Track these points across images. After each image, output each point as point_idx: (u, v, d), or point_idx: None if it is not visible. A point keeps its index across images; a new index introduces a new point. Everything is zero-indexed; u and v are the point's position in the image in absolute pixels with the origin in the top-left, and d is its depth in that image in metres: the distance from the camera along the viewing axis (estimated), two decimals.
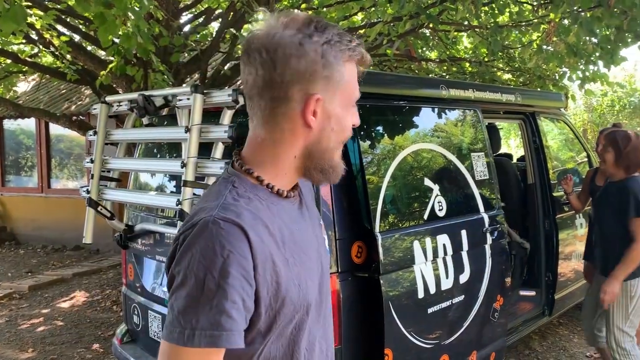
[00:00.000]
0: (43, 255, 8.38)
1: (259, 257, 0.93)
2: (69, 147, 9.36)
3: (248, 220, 0.94)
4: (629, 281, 3.09)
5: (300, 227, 1.07)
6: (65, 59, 5.45)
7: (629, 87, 15.26)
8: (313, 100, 0.97)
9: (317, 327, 1.09)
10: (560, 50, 5.32)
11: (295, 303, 0.99)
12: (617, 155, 3.13)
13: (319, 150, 1.01)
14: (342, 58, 0.98)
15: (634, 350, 3.13)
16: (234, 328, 0.90)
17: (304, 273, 1.03)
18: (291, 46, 0.94)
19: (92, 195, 2.92)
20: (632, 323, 3.14)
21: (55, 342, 4.63)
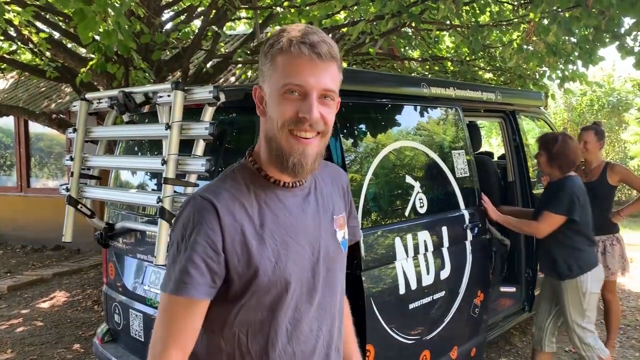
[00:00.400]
0: (22, 255, 8.26)
1: (227, 230, 1.11)
2: (49, 145, 9.24)
3: (223, 199, 1.13)
4: (578, 278, 3.14)
5: (294, 215, 1.20)
6: (45, 56, 5.38)
7: (608, 86, 15.49)
8: (255, 89, 1.19)
9: (309, 308, 1.21)
10: (540, 50, 5.38)
11: (269, 277, 1.13)
12: (548, 157, 3.21)
13: (270, 137, 1.15)
14: (271, 53, 1.12)
15: (596, 343, 3.19)
16: (192, 283, 1.08)
17: (284, 253, 1.16)
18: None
19: (72, 193, 2.89)
20: (590, 318, 3.19)
21: (34, 343, 4.58)
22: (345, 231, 1.33)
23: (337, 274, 1.29)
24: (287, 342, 1.18)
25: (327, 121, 1.14)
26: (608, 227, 3.89)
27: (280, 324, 1.17)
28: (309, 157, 1.13)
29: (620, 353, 4.14)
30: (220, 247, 1.10)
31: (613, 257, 3.87)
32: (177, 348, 1.11)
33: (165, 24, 5.73)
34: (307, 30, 1.11)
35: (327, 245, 1.25)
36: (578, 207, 3.07)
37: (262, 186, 1.18)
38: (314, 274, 1.21)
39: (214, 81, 5.93)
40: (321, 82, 1.10)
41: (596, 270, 3.17)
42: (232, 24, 7.81)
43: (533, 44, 5.50)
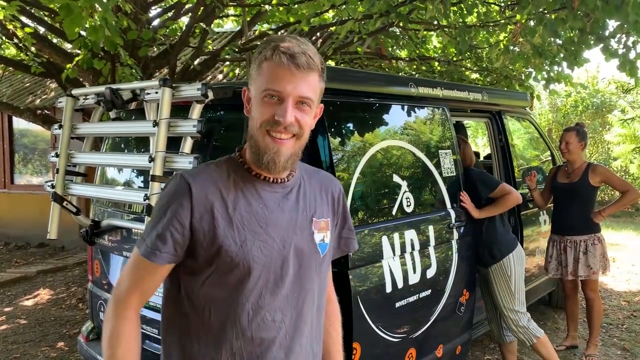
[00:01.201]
0: (5, 253, 8.16)
1: (197, 208, 1.23)
2: (33, 141, 9.14)
3: (200, 180, 1.26)
4: (501, 261, 3.32)
5: (269, 207, 1.29)
6: (30, 51, 5.32)
7: (592, 88, 15.68)
8: (244, 90, 1.32)
9: (274, 297, 1.28)
10: (526, 51, 5.44)
11: (232, 257, 1.24)
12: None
13: (251, 134, 1.27)
14: (259, 59, 1.25)
15: (530, 324, 3.32)
16: (154, 248, 1.23)
17: (250, 239, 1.25)
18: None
19: (57, 190, 2.87)
20: (520, 300, 3.34)
21: (18, 341, 4.53)
22: (325, 235, 1.39)
23: (312, 273, 1.35)
24: (247, 326, 1.26)
25: (302, 124, 1.25)
26: (590, 227, 3.94)
27: (242, 307, 1.25)
28: (282, 156, 1.24)
29: (603, 351, 4.20)
30: (187, 222, 1.23)
31: (594, 257, 3.92)
32: (137, 293, 1.27)
33: (153, 21, 5.69)
34: (291, 41, 1.23)
35: (300, 243, 1.33)
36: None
37: (242, 177, 1.30)
38: (283, 266, 1.29)
39: (201, 78, 5.91)
40: (297, 90, 1.22)
41: (517, 251, 3.35)
42: (220, 21, 7.79)
43: (519, 45, 5.56)
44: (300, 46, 1.22)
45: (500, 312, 3.38)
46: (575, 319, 4.25)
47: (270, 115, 1.22)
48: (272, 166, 1.25)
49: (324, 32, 6.78)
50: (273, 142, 1.23)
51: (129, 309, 1.26)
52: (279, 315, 1.29)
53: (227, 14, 6.84)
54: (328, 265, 1.45)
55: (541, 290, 4.58)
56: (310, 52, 1.23)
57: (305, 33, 5.84)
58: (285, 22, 6.42)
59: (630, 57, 4.88)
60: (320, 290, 1.40)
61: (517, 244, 3.40)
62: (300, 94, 1.22)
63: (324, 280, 1.43)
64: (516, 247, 3.36)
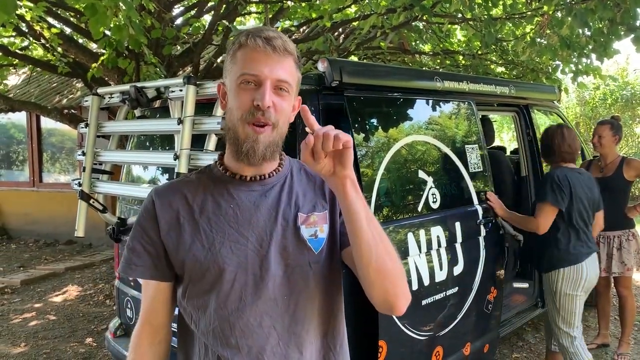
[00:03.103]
0: (35, 250, 8.33)
1: (163, 219, 1.24)
2: (61, 140, 9.29)
3: (163, 193, 1.27)
4: (548, 274, 3.12)
5: (242, 207, 1.24)
6: (56, 52, 5.39)
7: (621, 80, 15.30)
8: (219, 86, 1.28)
9: (256, 300, 1.20)
10: (553, 43, 5.32)
11: (201, 261, 1.21)
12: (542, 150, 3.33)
13: (229, 127, 1.22)
14: (232, 50, 1.22)
15: (573, 347, 3.08)
16: (129, 262, 1.26)
17: (219, 240, 1.21)
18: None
19: (84, 188, 2.90)
20: (564, 319, 3.09)
21: (48, 337, 4.61)
22: (319, 229, 1.26)
23: (306, 273, 1.24)
24: (231, 334, 1.20)
25: (279, 110, 1.18)
26: (624, 222, 3.85)
27: (220, 313, 1.21)
28: (260, 144, 1.18)
29: (636, 350, 4.10)
30: (156, 235, 1.24)
31: (629, 253, 3.83)
32: (145, 322, 1.30)
33: (176, 19, 5.72)
34: (264, 28, 1.22)
35: (283, 241, 1.23)
36: (561, 197, 3.01)
37: (215, 180, 1.27)
38: (262, 266, 1.21)
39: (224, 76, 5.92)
40: (274, 73, 1.16)
41: (570, 269, 3.03)
42: (242, 19, 7.79)
43: (546, 37, 5.44)
44: (274, 32, 1.20)
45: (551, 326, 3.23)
46: (607, 316, 4.16)
47: (249, 102, 1.16)
48: (251, 154, 1.19)
49: (347, 28, 6.72)
50: (253, 131, 1.18)
51: (141, 338, 1.30)
52: (266, 321, 1.21)
53: (249, 11, 6.84)
54: (335, 262, 1.29)
55: None
56: (284, 37, 1.20)
57: (327, 29, 5.80)
58: (307, 18, 6.39)
59: None
60: (325, 291, 1.27)
61: (573, 263, 3.03)
62: (277, 77, 1.17)
63: (332, 280, 1.29)
64: (569, 266, 3.03)
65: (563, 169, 3.13)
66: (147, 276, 1.26)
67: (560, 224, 3.08)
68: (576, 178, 3.09)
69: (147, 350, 1.30)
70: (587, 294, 3.13)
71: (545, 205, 3.04)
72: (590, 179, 3.21)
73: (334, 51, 5.77)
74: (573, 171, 3.14)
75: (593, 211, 3.17)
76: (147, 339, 1.30)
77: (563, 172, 3.08)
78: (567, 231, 3.08)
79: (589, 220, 3.14)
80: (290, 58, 1.20)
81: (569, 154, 3.17)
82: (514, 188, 4.32)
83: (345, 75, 2.44)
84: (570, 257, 3.06)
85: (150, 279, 1.27)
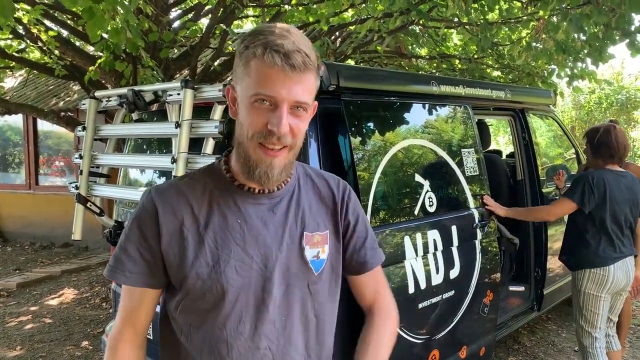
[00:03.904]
0: (31, 253, 8.31)
1: (165, 228, 1.13)
2: (57, 143, 9.28)
3: (167, 196, 1.16)
4: (574, 272, 3.15)
5: (249, 223, 1.16)
6: (53, 54, 5.40)
7: (616, 84, 15.38)
8: (228, 89, 1.15)
9: (256, 323, 1.15)
10: (549, 48, 5.35)
11: (203, 279, 1.12)
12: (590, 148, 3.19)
13: (240, 142, 1.13)
14: (245, 56, 1.08)
15: (592, 348, 3.10)
16: (122, 269, 1.15)
17: (224, 258, 1.13)
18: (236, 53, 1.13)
19: (81, 191, 2.90)
20: (586, 318, 3.11)
21: (44, 340, 4.60)
22: (321, 250, 1.23)
23: (304, 294, 1.21)
24: (227, 354, 1.14)
25: (296, 133, 1.10)
26: None
27: (219, 334, 1.14)
28: (275, 169, 1.11)
29: (631, 353, 4.12)
30: (156, 243, 1.14)
31: None
32: (128, 325, 1.19)
33: (173, 22, 5.73)
34: (283, 34, 1.05)
35: (287, 261, 1.18)
36: (589, 199, 2.99)
37: (221, 188, 1.17)
38: (264, 288, 1.15)
39: (221, 79, 5.93)
40: (292, 94, 1.05)
41: (596, 271, 3.05)
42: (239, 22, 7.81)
43: (542, 42, 5.47)
44: (294, 42, 1.05)
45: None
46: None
47: (263, 125, 1.06)
48: (264, 180, 1.12)
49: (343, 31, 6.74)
50: (266, 155, 1.09)
51: (122, 341, 1.18)
52: (264, 343, 1.16)
53: (246, 15, 6.86)
54: (331, 286, 1.27)
55: (566, 290, 4.49)
56: (305, 48, 1.06)
57: (324, 32, 5.82)
58: (304, 21, 6.41)
59: None
60: (319, 312, 1.24)
61: (600, 266, 3.03)
62: (295, 98, 1.06)
63: (325, 302, 1.26)
64: (595, 268, 3.04)
65: (603, 171, 3.08)
66: (141, 284, 1.16)
67: (590, 226, 3.07)
68: (615, 180, 3.05)
69: (129, 353, 1.18)
70: (613, 297, 3.15)
71: (567, 200, 3.06)
72: (633, 182, 3.13)
73: (331, 55, 5.80)
74: (613, 173, 3.08)
75: (635, 214, 3.11)
76: (128, 342, 1.18)
77: (601, 175, 3.04)
78: (597, 234, 3.07)
79: (626, 224, 3.09)
80: (310, 72, 1.08)
81: (619, 156, 3.10)
82: (510, 192, 4.34)
83: (342, 79, 2.45)
84: (598, 259, 3.05)
85: (144, 287, 1.16)
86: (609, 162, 3.11)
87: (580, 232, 3.12)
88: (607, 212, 3.02)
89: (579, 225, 3.12)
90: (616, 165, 3.14)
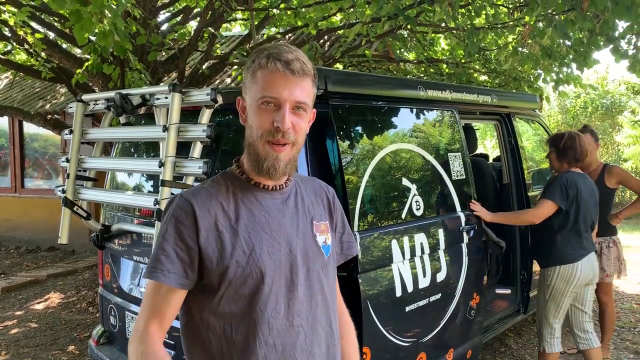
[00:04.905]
0: (16, 257, 8.22)
1: (203, 225, 1.25)
2: (44, 146, 9.21)
3: (200, 198, 1.29)
4: (545, 269, 3.31)
5: (271, 214, 1.33)
6: (40, 57, 5.36)
7: (601, 89, 15.57)
8: (239, 100, 1.35)
9: (289, 302, 1.31)
10: (535, 53, 5.41)
11: (243, 266, 1.26)
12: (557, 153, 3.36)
13: (250, 143, 1.31)
14: (252, 68, 1.29)
15: (551, 339, 3.30)
16: (162, 269, 1.24)
17: (258, 245, 1.28)
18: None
19: (68, 195, 2.89)
20: (552, 313, 3.29)
21: (29, 345, 4.56)
22: (326, 237, 1.43)
23: (320, 275, 1.38)
24: (269, 334, 1.27)
25: (298, 130, 1.29)
26: (605, 230, 3.91)
27: (261, 315, 1.27)
28: (281, 162, 1.28)
29: (615, 355, 4.16)
30: (194, 242, 1.25)
31: (609, 259, 3.90)
32: (155, 322, 1.25)
33: (162, 25, 5.72)
34: (283, 49, 1.28)
35: (305, 246, 1.36)
36: (566, 199, 3.18)
37: (241, 187, 1.33)
38: (292, 270, 1.32)
39: (209, 82, 5.92)
40: (293, 95, 1.25)
41: (565, 267, 3.21)
42: (228, 25, 7.80)
43: (528, 47, 5.53)
44: (293, 53, 1.27)
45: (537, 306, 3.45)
46: None
47: (270, 123, 1.26)
48: (272, 172, 1.28)
49: (332, 35, 6.77)
50: (272, 150, 1.27)
51: (150, 334, 1.24)
52: (297, 320, 1.32)
53: (235, 18, 6.85)
54: (334, 269, 1.47)
55: None
56: (303, 59, 1.28)
57: (313, 36, 5.84)
58: (293, 25, 6.42)
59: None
60: (330, 292, 1.43)
61: (569, 262, 3.21)
62: (296, 99, 1.26)
63: (332, 284, 1.45)
64: (564, 265, 3.21)
65: (571, 173, 3.28)
66: (177, 284, 1.25)
67: (561, 226, 3.25)
68: (583, 182, 3.26)
69: (159, 345, 1.24)
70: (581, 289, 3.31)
71: (548, 202, 3.22)
72: (593, 184, 3.38)
73: (320, 59, 5.81)
74: (580, 176, 3.30)
75: (596, 213, 3.36)
76: (156, 336, 1.25)
77: (572, 177, 3.24)
78: (567, 233, 3.25)
79: (591, 224, 3.32)
80: (308, 78, 1.28)
81: (582, 159, 3.32)
82: (496, 195, 4.38)
83: (330, 83, 2.47)
84: (568, 256, 3.24)
85: (179, 287, 1.25)
86: (573, 165, 3.32)
87: (551, 231, 3.28)
88: (578, 212, 3.22)
89: (551, 225, 3.27)
90: (578, 169, 3.35)
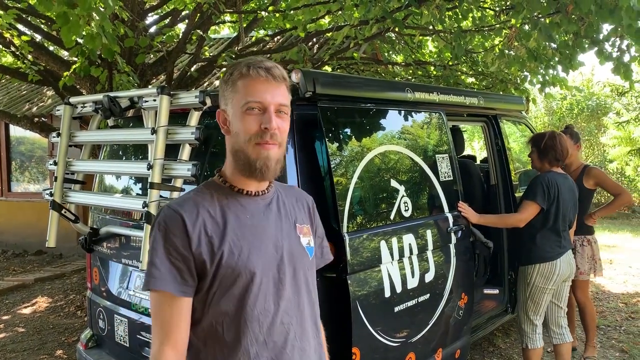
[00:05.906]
0: (3, 261, 8.14)
1: (194, 232, 1.30)
2: (30, 149, 9.13)
3: (187, 207, 1.33)
4: (525, 267, 3.38)
5: (256, 217, 1.39)
6: (27, 59, 5.32)
7: (587, 91, 15.74)
8: (219, 113, 1.40)
9: (277, 301, 1.36)
10: (521, 55, 5.46)
11: (233, 267, 1.31)
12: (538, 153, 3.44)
13: (237, 150, 1.36)
14: (232, 80, 1.35)
15: (533, 334, 3.38)
16: (159, 276, 1.28)
17: (246, 247, 1.33)
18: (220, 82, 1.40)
19: (55, 198, 2.87)
20: (533, 310, 3.37)
21: (16, 349, 4.52)
22: (310, 239, 1.49)
23: (306, 275, 1.45)
24: (259, 331, 1.33)
25: (282, 131, 1.35)
26: (580, 229, 3.95)
27: (251, 314, 1.32)
28: (272, 160, 1.34)
29: (602, 353, 4.21)
30: (187, 249, 1.29)
31: (582, 257, 3.98)
32: (169, 346, 1.27)
33: (150, 28, 5.70)
34: (260, 59, 1.36)
35: (290, 247, 1.42)
36: (547, 199, 3.25)
37: (225, 195, 1.38)
38: (279, 269, 1.38)
39: (198, 85, 5.91)
40: (276, 98, 1.33)
41: (544, 265, 3.30)
42: (216, 28, 7.81)
43: (514, 49, 5.58)
44: (270, 62, 1.36)
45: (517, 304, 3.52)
46: (571, 320, 4.26)
47: (257, 126, 1.31)
48: (265, 170, 1.33)
49: (320, 38, 6.79)
50: (262, 149, 1.32)
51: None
52: (286, 318, 1.37)
53: (223, 21, 6.85)
54: (314, 271, 1.52)
55: None
56: (279, 66, 1.36)
57: (301, 39, 5.86)
58: (281, 28, 6.44)
59: (625, 60, 4.90)
60: (315, 292, 1.49)
61: (549, 260, 3.30)
62: (279, 101, 1.33)
63: (313, 283, 1.50)
64: (544, 263, 3.30)
65: (552, 173, 3.35)
66: (179, 292, 1.28)
67: (543, 223, 3.32)
68: (563, 182, 3.33)
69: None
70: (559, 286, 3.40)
71: (531, 203, 3.28)
72: (573, 184, 3.46)
73: (308, 61, 5.82)
74: (560, 176, 3.36)
75: (574, 212, 3.45)
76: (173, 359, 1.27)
77: (553, 177, 3.31)
78: (547, 232, 3.33)
79: (569, 223, 3.43)
80: (285, 84, 1.37)
81: (563, 159, 3.40)
82: (484, 196, 4.41)
83: (319, 86, 2.48)
84: (547, 255, 3.32)
85: (182, 295, 1.29)
86: (554, 165, 3.39)
87: (531, 230, 3.34)
88: (558, 211, 3.30)
89: (532, 223, 3.33)
90: (559, 168, 3.42)
